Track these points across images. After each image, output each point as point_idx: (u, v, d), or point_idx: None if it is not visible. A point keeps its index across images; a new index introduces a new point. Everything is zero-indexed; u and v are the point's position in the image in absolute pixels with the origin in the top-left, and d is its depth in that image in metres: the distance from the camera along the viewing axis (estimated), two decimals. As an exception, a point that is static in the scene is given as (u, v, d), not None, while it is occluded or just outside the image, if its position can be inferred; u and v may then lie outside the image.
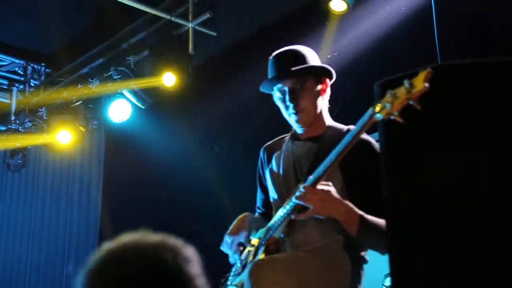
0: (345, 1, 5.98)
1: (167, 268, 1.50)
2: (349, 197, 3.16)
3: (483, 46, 5.23)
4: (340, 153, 2.93)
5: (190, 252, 1.57)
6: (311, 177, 3.02)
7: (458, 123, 2.45)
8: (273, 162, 3.56)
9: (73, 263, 9.16)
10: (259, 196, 3.76)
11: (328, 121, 3.46)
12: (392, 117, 2.54)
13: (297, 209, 3.07)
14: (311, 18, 6.55)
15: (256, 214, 3.70)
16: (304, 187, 3.00)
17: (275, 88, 3.35)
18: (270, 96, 3.46)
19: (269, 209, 3.59)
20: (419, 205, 2.46)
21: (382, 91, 2.63)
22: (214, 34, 7.40)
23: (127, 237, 1.59)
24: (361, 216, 3.04)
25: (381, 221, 3.01)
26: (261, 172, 3.71)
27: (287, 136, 3.58)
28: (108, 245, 1.58)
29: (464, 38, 5.53)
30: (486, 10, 5.42)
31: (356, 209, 3.06)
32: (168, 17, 7.35)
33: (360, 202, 3.11)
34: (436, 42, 5.43)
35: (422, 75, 2.44)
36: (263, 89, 3.47)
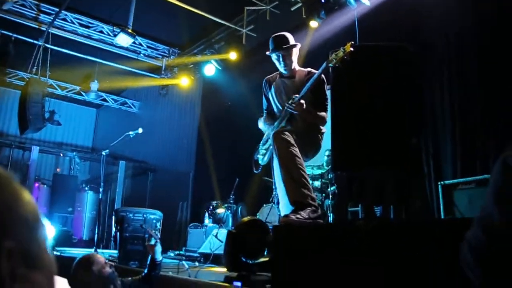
0: (317, 22, 7.47)
1: None
2: (314, 99, 3.81)
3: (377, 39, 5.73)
4: (311, 84, 3.66)
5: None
6: (297, 96, 3.68)
7: (365, 71, 3.10)
8: (273, 87, 4.09)
9: (186, 140, 11.15)
10: (264, 103, 4.24)
11: (297, 67, 4.07)
12: (337, 65, 3.28)
13: (290, 112, 3.73)
14: (301, 29, 7.68)
15: (265, 114, 4.22)
16: (293, 102, 3.66)
17: (274, 54, 3.96)
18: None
19: (270, 111, 4.19)
20: (347, 108, 3.10)
21: (332, 54, 3.34)
22: (255, 35, 9.18)
23: None
24: (314, 113, 3.78)
25: (323, 113, 3.82)
26: (265, 91, 4.20)
27: (277, 74, 4.15)
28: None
29: (369, 36, 6.54)
30: (384, 24, 6.67)
31: (313, 109, 3.77)
32: (234, 26, 9.24)
33: (317, 102, 3.82)
34: (357, 36, 6.86)
35: (348, 45, 3.28)
36: (268, 54, 4.01)
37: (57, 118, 9.97)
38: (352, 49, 3.24)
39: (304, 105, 3.67)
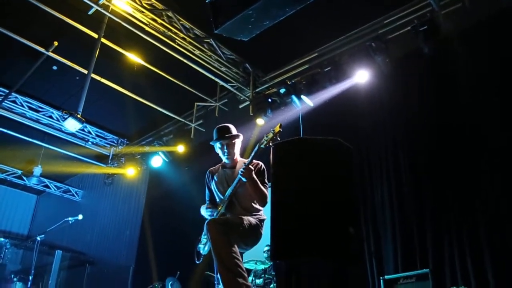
0: (263, 120, 7.75)
1: None
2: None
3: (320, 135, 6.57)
4: (249, 161, 3.67)
5: None
6: (242, 169, 3.66)
7: (304, 162, 3.04)
8: (215, 178, 4.10)
9: (129, 232, 10.69)
10: (207, 194, 4.22)
11: (239, 158, 4.12)
12: (268, 146, 3.44)
13: (240, 183, 3.74)
14: (248, 125, 7.88)
15: (207, 203, 4.12)
16: (244, 168, 3.65)
17: (217, 143, 4.00)
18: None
19: (212, 200, 4.14)
20: (286, 196, 2.99)
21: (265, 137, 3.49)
22: (203, 130, 9.23)
23: None
24: (258, 185, 3.70)
25: (264, 190, 3.77)
26: (208, 182, 4.19)
27: (220, 165, 4.18)
28: None
29: (313, 132, 6.92)
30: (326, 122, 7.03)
31: (257, 180, 3.70)
32: (183, 120, 9.35)
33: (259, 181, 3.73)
34: (301, 132, 7.29)
35: (277, 126, 3.47)
36: (212, 143, 4.08)
37: (-8, 202, 9.32)
38: (281, 129, 3.38)
39: (253, 170, 3.64)
